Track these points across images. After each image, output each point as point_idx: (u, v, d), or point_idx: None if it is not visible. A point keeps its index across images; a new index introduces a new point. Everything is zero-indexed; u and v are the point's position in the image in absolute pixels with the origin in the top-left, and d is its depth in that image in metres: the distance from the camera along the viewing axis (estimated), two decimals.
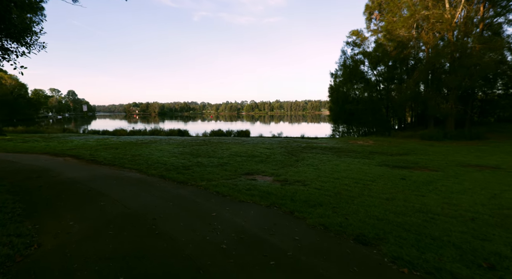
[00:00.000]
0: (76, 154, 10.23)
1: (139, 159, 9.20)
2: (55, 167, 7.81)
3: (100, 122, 60.03)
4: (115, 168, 7.86)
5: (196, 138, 17.27)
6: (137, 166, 8.03)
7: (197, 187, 5.92)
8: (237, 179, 6.66)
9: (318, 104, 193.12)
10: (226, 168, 8.00)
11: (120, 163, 8.48)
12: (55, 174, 6.78)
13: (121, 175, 6.87)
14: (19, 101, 61.53)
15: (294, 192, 5.36)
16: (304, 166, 8.74)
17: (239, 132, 24.51)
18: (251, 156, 10.36)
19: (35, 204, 4.40)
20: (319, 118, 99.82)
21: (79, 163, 8.60)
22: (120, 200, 4.73)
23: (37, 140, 14.90)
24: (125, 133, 24.73)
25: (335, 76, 22.16)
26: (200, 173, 7.29)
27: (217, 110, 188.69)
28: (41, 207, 4.23)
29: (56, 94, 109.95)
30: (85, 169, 7.57)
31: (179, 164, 8.56)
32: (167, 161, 9.01)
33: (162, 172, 7.24)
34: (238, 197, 5.07)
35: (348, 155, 11.12)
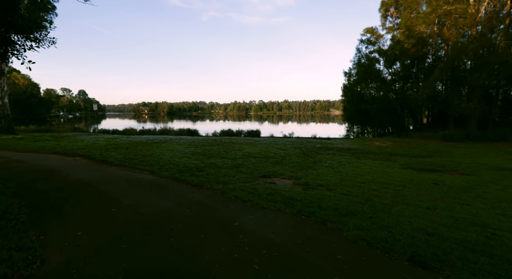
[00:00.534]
0: (86, 154, 9.98)
1: (151, 160, 8.86)
2: (65, 167, 7.53)
3: (110, 122, 60.71)
4: (126, 169, 7.53)
5: (207, 138, 16.93)
6: (149, 167, 7.69)
7: (213, 190, 5.50)
8: (255, 182, 6.22)
9: (327, 104, 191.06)
10: (241, 170, 7.57)
11: (131, 164, 8.15)
12: (64, 175, 6.48)
13: (133, 177, 6.51)
14: (31, 101, 62.81)
15: (320, 197, 4.88)
16: (323, 168, 8.23)
17: (249, 132, 24.08)
18: (266, 157, 9.90)
19: (41, 209, 4.06)
20: (328, 118, 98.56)
21: (89, 163, 8.31)
22: (133, 205, 4.34)
23: (48, 139, 14.83)
24: (135, 132, 24.65)
25: (348, 75, 21.47)
26: (215, 175, 6.88)
27: (225, 110, 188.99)
28: (48, 213, 3.88)
29: (67, 94, 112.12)
30: (95, 170, 7.26)
31: (191, 165, 8.18)
32: (179, 161, 8.65)
33: (175, 174, 6.87)
34: (259, 202, 4.62)
35: (367, 157, 10.53)
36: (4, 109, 17.40)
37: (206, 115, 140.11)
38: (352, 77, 20.97)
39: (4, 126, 17.38)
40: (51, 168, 7.35)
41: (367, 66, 19.27)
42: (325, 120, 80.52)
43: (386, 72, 19.54)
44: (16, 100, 57.66)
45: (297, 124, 58.85)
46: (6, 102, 17.53)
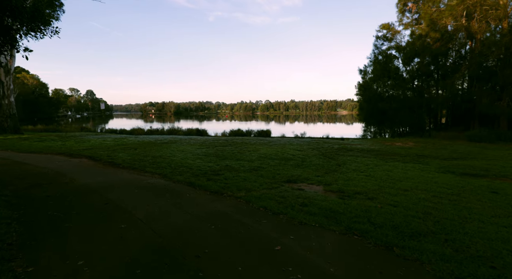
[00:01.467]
0: (92, 155, 9.37)
1: (161, 162, 8.18)
2: (69, 170, 6.89)
3: (117, 122, 60.75)
4: (135, 172, 6.85)
5: (217, 139, 16.23)
6: (160, 170, 6.99)
7: (236, 199, 4.75)
8: (281, 189, 5.45)
9: (334, 104, 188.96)
10: (261, 174, 6.82)
11: (141, 166, 7.47)
12: (68, 179, 5.82)
13: (143, 182, 5.81)
14: (40, 101, 63.29)
15: (366, 210, 4.08)
16: (351, 171, 7.40)
17: (259, 132, 23.34)
18: (284, 159, 9.13)
19: (36, 225, 3.37)
20: (335, 118, 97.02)
21: (95, 166, 7.67)
22: (146, 219, 3.62)
23: (54, 139, 14.34)
24: (142, 132, 24.16)
25: (364, 72, 20.45)
26: (234, 179, 6.14)
27: (231, 110, 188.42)
28: (43, 232, 3.18)
29: (75, 94, 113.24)
30: (102, 173, 6.59)
31: (206, 167, 7.46)
32: (192, 164, 7.94)
33: (189, 178, 6.15)
34: (295, 216, 3.85)
35: (394, 159, 9.65)
36: (10, 108, 17.03)
37: (213, 115, 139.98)
38: (367, 75, 19.99)
39: (10, 125, 17.01)
40: (54, 171, 6.71)
41: (384, 63, 18.25)
42: (334, 120, 79.17)
43: (404, 69, 18.50)
44: (25, 100, 58.17)
45: (306, 124, 57.77)
46: (12, 101, 17.16)
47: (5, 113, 16.77)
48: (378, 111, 17.77)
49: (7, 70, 16.75)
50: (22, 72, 68.88)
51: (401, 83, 17.44)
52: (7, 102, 16.83)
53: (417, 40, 16.69)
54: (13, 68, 17.58)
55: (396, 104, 16.97)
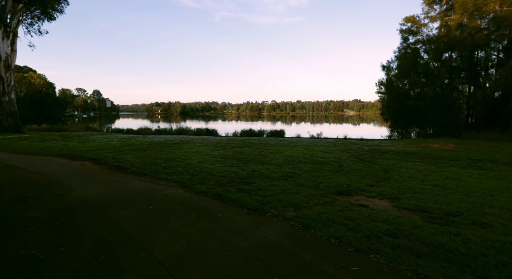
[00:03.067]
0: (97, 157, 8.19)
1: (176, 165, 6.93)
2: (67, 176, 5.68)
3: (124, 121, 60.09)
4: (147, 179, 5.60)
5: (232, 139, 14.95)
6: (177, 177, 5.74)
7: (287, 221, 3.47)
8: (337, 204, 4.15)
9: (340, 104, 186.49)
10: (300, 182, 5.53)
11: (153, 171, 6.23)
12: (63, 190, 4.59)
13: (158, 194, 4.55)
14: (46, 100, 63.08)
15: (500, 250, 2.72)
16: (407, 180, 6.03)
17: (272, 132, 22.05)
18: (316, 163, 7.81)
19: None
20: (343, 119, 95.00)
21: (99, 170, 6.45)
22: (171, 262, 2.35)
23: (56, 139, 13.26)
24: (150, 132, 23.09)
25: (387, 69, 18.87)
26: (270, 190, 4.86)
27: (238, 110, 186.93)
28: None
29: (82, 94, 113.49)
30: (107, 181, 5.36)
31: (230, 173, 6.19)
32: (212, 168, 6.67)
33: (214, 188, 4.89)
34: (396, 258, 2.53)
35: (446, 163, 8.21)
36: (11, 106, 16.04)
37: (219, 116, 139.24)
38: (390, 71, 18.40)
39: (11, 124, 16.02)
40: (49, 177, 5.50)
41: (413, 58, 16.66)
42: (343, 121, 77.25)
43: (434, 64, 16.83)
44: (32, 100, 57.99)
45: (318, 124, 56.05)
46: (13, 98, 16.18)
47: (5, 111, 15.79)
48: (407, 110, 16.15)
49: (7, 65, 15.78)
50: (29, 71, 68.89)
51: (435, 79, 15.77)
52: (8, 100, 15.85)
53: (453, 31, 15.06)
54: (14, 64, 16.63)
55: (429, 102, 15.32)
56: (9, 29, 15.79)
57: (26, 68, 70.10)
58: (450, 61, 16.60)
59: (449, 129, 15.21)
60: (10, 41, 16.21)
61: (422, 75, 16.54)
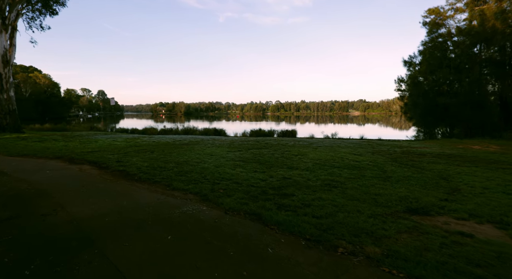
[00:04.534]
0: (98, 160, 7.11)
1: (191, 170, 5.80)
2: (60, 185, 4.57)
3: (128, 121, 59.37)
4: (158, 190, 4.47)
5: (245, 139, 13.79)
6: (195, 186, 4.62)
7: (378, 265, 2.29)
8: (429, 233, 2.98)
9: (345, 104, 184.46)
10: (350, 194, 4.40)
11: (164, 178, 5.11)
12: (50, 206, 3.47)
13: (175, 212, 3.41)
14: (51, 100, 62.68)
15: None
16: (485, 191, 4.81)
17: (284, 132, 20.88)
18: (353, 168, 6.63)
19: None
20: (349, 119, 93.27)
21: (100, 177, 5.34)
22: None
23: (56, 139, 12.24)
24: (156, 132, 22.09)
25: (410, 64, 17.46)
26: (319, 206, 3.75)
27: (242, 110, 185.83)
28: None
29: (87, 94, 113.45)
30: (109, 192, 4.24)
31: (258, 181, 5.07)
32: (234, 174, 5.53)
33: (247, 203, 3.76)
34: None
35: (506, 169, 6.94)
36: (10, 103, 15.09)
37: (223, 116, 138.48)
38: (413, 66, 16.98)
39: (10, 123, 15.07)
40: (37, 187, 4.40)
41: (441, 51, 15.25)
42: (350, 121, 75.61)
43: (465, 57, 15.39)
44: (37, 100, 57.63)
45: (328, 124, 54.55)
46: (12, 95, 15.23)
47: (3, 109, 14.85)
48: (435, 108, 14.72)
49: (5, 60, 14.84)
50: (35, 71, 68.65)
51: (466, 74, 14.31)
52: (6, 97, 14.90)
53: (490, 21, 13.64)
54: (13, 59, 15.70)
55: (461, 99, 13.87)
56: (7, 22, 14.86)
57: (31, 68, 69.89)
58: (484, 53, 15.14)
59: (485, 129, 13.77)
60: (9, 35, 15.29)
61: (453, 70, 15.12)
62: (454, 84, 15.10)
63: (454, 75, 14.59)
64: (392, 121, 65.56)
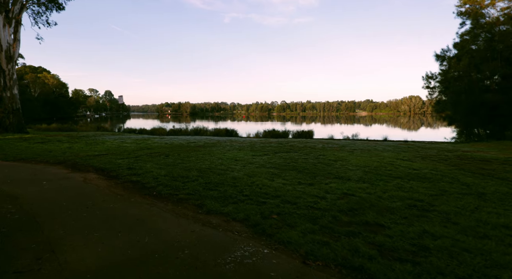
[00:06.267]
0: (106, 166, 5.98)
1: (221, 182, 4.61)
2: (56, 206, 3.41)
3: (135, 122, 58.79)
4: (188, 213, 3.27)
5: (265, 141, 12.54)
6: (235, 208, 3.43)
7: None
8: None
9: (352, 105, 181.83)
10: (465, 225, 3.11)
11: (191, 193, 3.94)
12: (34, 251, 2.29)
13: (226, 262, 2.19)
14: (60, 100, 62.58)
15: None
16: None
17: (299, 133, 19.60)
18: (419, 179, 5.34)
19: None
20: (357, 119, 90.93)
21: (108, 191, 4.18)
22: None
23: (60, 140, 11.22)
24: (164, 132, 21.04)
25: (442, 59, 15.93)
26: (445, 250, 2.44)
27: (247, 110, 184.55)
28: None
29: (94, 94, 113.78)
30: (121, 220, 3.05)
31: (316, 199, 3.88)
32: (278, 188, 4.33)
33: (328, 244, 2.54)
34: None
35: None
36: (13, 102, 14.15)
37: (228, 116, 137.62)
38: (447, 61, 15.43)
39: (13, 123, 14.13)
40: (25, 209, 3.24)
41: (486, 42, 13.69)
42: (359, 121, 73.59)
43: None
44: (45, 100, 57.49)
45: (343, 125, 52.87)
46: (15, 93, 14.30)
47: (6, 108, 13.92)
48: (481, 106, 13.02)
49: (9, 56, 13.91)
50: (44, 72, 68.72)
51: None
52: (9, 95, 13.97)
53: None
54: (17, 54, 14.81)
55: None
56: (11, 15, 13.96)
57: (40, 69, 70.00)
58: None
59: None
60: (13, 29, 14.40)
61: (503, 63, 13.39)
62: (508, 79, 13.25)
63: (506, 68, 12.85)
64: (401, 121, 63.56)
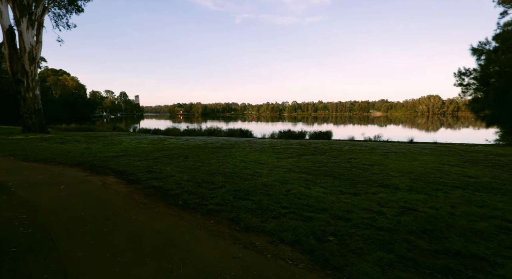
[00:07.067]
0: (125, 169, 5.65)
1: (251, 190, 4.12)
2: (74, 218, 3.03)
3: (149, 122, 59.66)
4: (223, 230, 2.80)
5: (285, 142, 11.97)
6: (278, 224, 2.94)
7: None
8: None
9: (366, 105, 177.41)
10: None
11: (221, 204, 3.48)
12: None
13: None
14: (78, 101, 64.43)
15: None
16: None
17: (317, 134, 18.88)
18: (487, 190, 4.66)
19: None
20: (371, 120, 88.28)
21: (129, 199, 3.78)
22: None
23: (79, 140, 11.13)
24: (179, 132, 20.93)
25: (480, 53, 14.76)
26: None
27: (258, 111, 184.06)
28: None
29: (110, 96, 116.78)
30: (147, 240, 2.61)
31: (373, 215, 3.31)
32: (320, 199, 3.80)
33: None
34: None
35: None
36: (35, 102, 14.30)
37: (239, 116, 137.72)
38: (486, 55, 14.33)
39: (35, 123, 14.27)
40: (40, 221, 2.88)
41: None
42: (374, 122, 71.40)
43: None
44: (65, 101, 59.28)
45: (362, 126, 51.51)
46: (37, 94, 14.45)
47: (29, 108, 14.07)
48: None
49: (31, 58, 14.08)
50: (64, 74, 71.09)
51: None
52: (32, 96, 14.12)
53: None
54: (39, 56, 14.99)
55: None
56: (34, 18, 14.13)
57: (61, 71, 72.46)
58: None
59: None
60: (36, 31, 14.57)
61: None
62: None
63: None
64: (420, 122, 61.04)
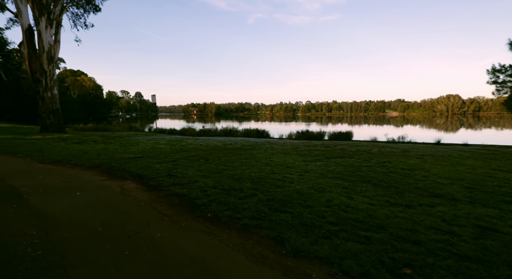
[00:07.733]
0: (144, 172, 5.26)
1: (287, 199, 3.58)
2: (88, 233, 2.60)
3: (164, 122, 60.25)
4: (267, 255, 2.24)
5: (308, 143, 11.31)
6: (332, 248, 2.34)
7: None
8: None
9: (381, 104, 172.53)
10: None
11: (257, 218, 2.95)
12: None
13: None
14: (95, 101, 66.08)
15: None
16: None
17: (336, 135, 18.06)
18: None
19: None
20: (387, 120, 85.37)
21: (152, 209, 3.32)
22: None
23: (96, 140, 10.96)
24: (195, 133, 20.69)
25: None
26: None
27: (271, 111, 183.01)
28: None
29: (126, 96, 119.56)
30: (173, 265, 2.11)
31: (447, 238, 2.70)
32: (371, 212, 3.18)
33: None
34: None
35: None
36: (53, 102, 14.38)
37: (253, 116, 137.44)
38: None
39: (53, 123, 14.35)
40: (50, 239, 2.43)
41: None
42: (388, 122, 68.87)
43: None
44: (82, 101, 60.96)
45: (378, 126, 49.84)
46: (55, 94, 14.53)
47: (47, 108, 14.16)
48: None
49: (50, 57, 14.16)
50: (82, 75, 73.23)
51: None
52: (50, 95, 14.20)
53: None
54: (57, 55, 15.09)
55: None
56: (52, 17, 14.20)
57: (79, 72, 74.71)
58: None
59: None
60: (54, 31, 14.66)
61: None
62: None
63: None
64: (439, 122, 58.28)
